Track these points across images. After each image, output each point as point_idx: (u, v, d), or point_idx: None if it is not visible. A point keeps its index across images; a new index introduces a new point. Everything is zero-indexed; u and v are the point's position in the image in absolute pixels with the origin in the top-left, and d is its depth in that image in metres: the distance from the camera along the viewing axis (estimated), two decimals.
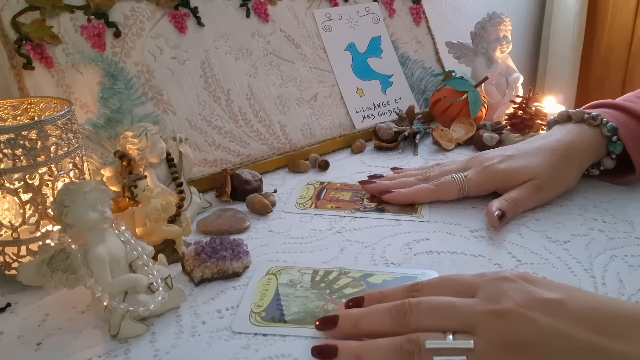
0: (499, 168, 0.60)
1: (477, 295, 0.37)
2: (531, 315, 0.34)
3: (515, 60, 0.93)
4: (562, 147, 0.60)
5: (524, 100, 0.79)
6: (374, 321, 0.38)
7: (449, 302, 0.37)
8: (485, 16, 0.90)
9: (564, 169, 0.60)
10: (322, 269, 0.49)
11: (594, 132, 0.61)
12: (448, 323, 0.36)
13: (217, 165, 0.69)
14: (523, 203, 0.58)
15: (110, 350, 0.40)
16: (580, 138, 0.61)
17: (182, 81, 0.70)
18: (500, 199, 0.58)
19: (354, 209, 0.61)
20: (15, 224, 0.48)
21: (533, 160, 0.60)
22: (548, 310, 0.34)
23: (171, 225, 0.52)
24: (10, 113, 0.55)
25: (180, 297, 0.44)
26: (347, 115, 0.84)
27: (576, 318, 0.33)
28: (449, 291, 0.38)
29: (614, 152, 0.61)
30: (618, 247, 0.52)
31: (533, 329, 0.33)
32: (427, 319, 0.36)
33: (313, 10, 0.86)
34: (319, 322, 0.40)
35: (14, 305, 0.46)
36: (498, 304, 0.35)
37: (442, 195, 0.61)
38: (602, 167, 0.62)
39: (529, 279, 0.37)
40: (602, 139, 0.61)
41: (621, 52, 1.40)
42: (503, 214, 0.55)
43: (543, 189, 0.59)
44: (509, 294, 0.35)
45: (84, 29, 0.64)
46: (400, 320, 0.37)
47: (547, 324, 0.33)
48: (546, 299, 0.35)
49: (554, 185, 0.60)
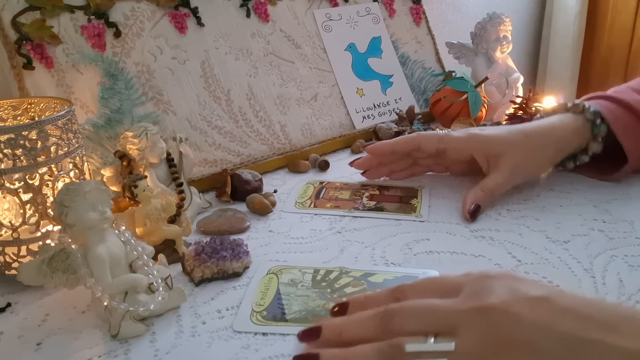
0: (480, 133, 0.63)
1: (460, 294, 0.36)
2: (515, 310, 0.33)
3: (515, 61, 0.93)
4: (541, 128, 0.62)
5: (524, 101, 0.80)
6: (358, 330, 0.38)
7: (431, 304, 0.36)
8: (485, 16, 0.90)
9: (541, 148, 0.61)
10: (323, 268, 0.49)
11: (576, 117, 0.62)
12: (431, 325, 0.35)
13: (217, 165, 0.69)
14: (499, 188, 0.60)
15: (110, 350, 0.40)
16: (562, 122, 0.63)
17: (182, 81, 0.70)
18: (476, 189, 0.60)
19: (353, 207, 0.61)
20: (16, 224, 0.48)
21: (513, 136, 0.62)
22: (533, 306, 0.34)
23: (171, 225, 0.52)
24: (10, 113, 0.55)
25: (180, 297, 0.44)
26: (347, 116, 0.84)
27: (561, 312, 0.33)
28: (434, 293, 0.38)
29: (600, 135, 0.61)
30: (618, 247, 0.52)
31: (517, 325, 0.33)
32: (410, 323, 0.36)
33: (313, 10, 0.86)
34: (301, 334, 0.39)
35: (14, 305, 0.46)
36: (480, 301, 0.34)
37: (422, 141, 0.63)
38: (590, 152, 0.63)
39: (514, 277, 0.37)
40: (586, 123, 0.62)
41: (621, 53, 1.40)
42: (477, 208, 0.58)
43: (518, 168, 0.61)
44: (492, 290, 0.35)
45: (84, 29, 0.64)
46: (383, 326, 0.36)
47: (532, 318, 0.33)
48: (531, 296, 0.34)
49: (530, 165, 0.62)
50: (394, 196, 0.64)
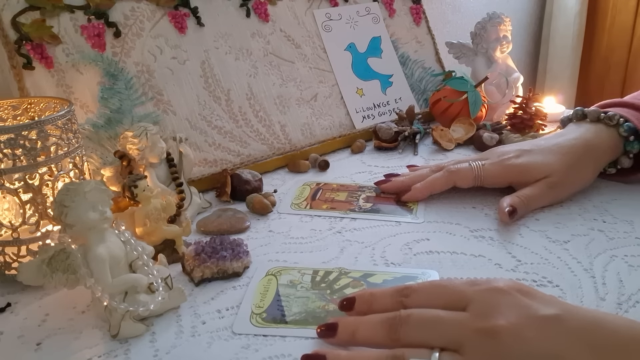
0: (516, 162, 0.60)
1: (468, 309, 0.35)
2: (524, 334, 0.32)
3: (515, 60, 0.93)
4: (579, 146, 0.60)
5: (524, 100, 0.79)
6: (369, 332, 0.38)
7: (439, 317, 0.36)
8: (485, 16, 0.90)
9: (580, 168, 0.59)
10: (322, 269, 0.49)
11: (611, 132, 0.61)
12: (436, 339, 0.35)
13: (217, 165, 0.69)
14: (536, 201, 0.58)
15: (110, 350, 0.40)
16: (598, 137, 0.60)
17: (182, 81, 0.70)
18: (512, 195, 0.57)
19: (349, 209, 0.61)
20: (15, 224, 0.48)
21: (550, 157, 0.59)
22: (543, 328, 0.33)
23: (171, 225, 0.52)
24: (10, 113, 0.55)
25: (180, 297, 0.44)
26: (347, 115, 0.84)
27: (573, 337, 0.32)
28: (440, 299, 0.37)
29: (632, 152, 0.61)
30: (618, 247, 0.52)
31: (526, 349, 0.32)
32: (416, 334, 0.36)
33: (313, 10, 0.86)
34: (320, 329, 0.40)
35: (14, 305, 0.46)
36: (488, 322, 0.34)
37: (458, 181, 0.61)
38: (619, 165, 0.62)
39: (524, 290, 0.36)
40: (620, 139, 0.60)
41: (621, 53, 1.40)
42: (514, 210, 0.55)
43: (557, 188, 0.59)
44: (501, 309, 0.34)
45: (84, 29, 0.64)
46: (392, 334, 0.36)
47: (542, 344, 0.32)
48: (541, 315, 0.33)
49: (568, 184, 0.59)
50: (390, 198, 0.64)
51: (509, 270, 0.49)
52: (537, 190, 0.58)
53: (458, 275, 0.48)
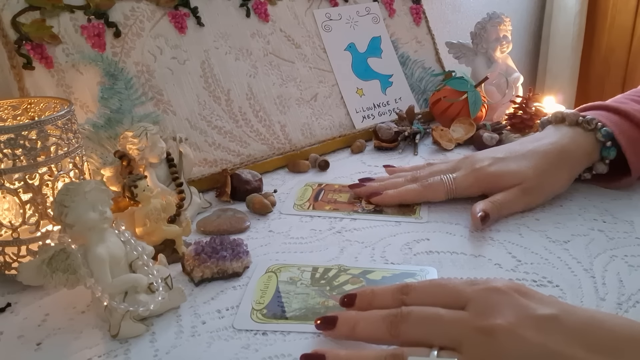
0: (488, 171, 0.59)
1: (467, 308, 0.36)
2: (522, 333, 0.33)
3: (515, 60, 0.93)
4: (554, 151, 0.59)
5: (524, 100, 0.80)
6: (370, 327, 0.38)
7: (439, 315, 0.36)
8: (485, 16, 0.90)
9: (554, 173, 0.59)
10: (322, 266, 0.49)
11: (588, 137, 0.60)
12: (436, 337, 0.35)
13: (217, 165, 0.69)
14: (508, 206, 0.57)
15: (110, 350, 0.40)
16: (574, 142, 0.60)
17: (182, 81, 0.70)
18: (485, 200, 0.57)
19: (352, 210, 0.61)
20: (15, 224, 0.48)
21: (523, 163, 0.59)
22: (541, 327, 0.33)
23: (171, 225, 0.52)
24: (10, 113, 0.55)
25: (180, 297, 0.44)
26: (347, 115, 0.84)
27: (570, 336, 0.32)
28: (439, 298, 0.38)
29: (608, 158, 0.60)
30: (618, 247, 0.52)
31: (523, 349, 0.32)
32: (416, 331, 0.36)
33: (313, 10, 0.86)
34: (319, 321, 0.40)
35: (14, 305, 0.46)
36: (487, 320, 0.34)
37: (429, 196, 0.61)
38: (594, 171, 0.62)
39: (522, 291, 0.36)
40: (597, 144, 0.60)
41: (621, 53, 1.40)
42: (486, 216, 0.55)
43: (531, 194, 0.58)
44: (499, 308, 0.34)
45: (84, 29, 0.64)
46: (392, 330, 0.37)
47: (539, 342, 0.32)
48: (539, 315, 0.33)
49: (542, 190, 0.59)
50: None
51: (508, 270, 0.49)
52: (510, 196, 0.58)
53: (458, 275, 0.48)
